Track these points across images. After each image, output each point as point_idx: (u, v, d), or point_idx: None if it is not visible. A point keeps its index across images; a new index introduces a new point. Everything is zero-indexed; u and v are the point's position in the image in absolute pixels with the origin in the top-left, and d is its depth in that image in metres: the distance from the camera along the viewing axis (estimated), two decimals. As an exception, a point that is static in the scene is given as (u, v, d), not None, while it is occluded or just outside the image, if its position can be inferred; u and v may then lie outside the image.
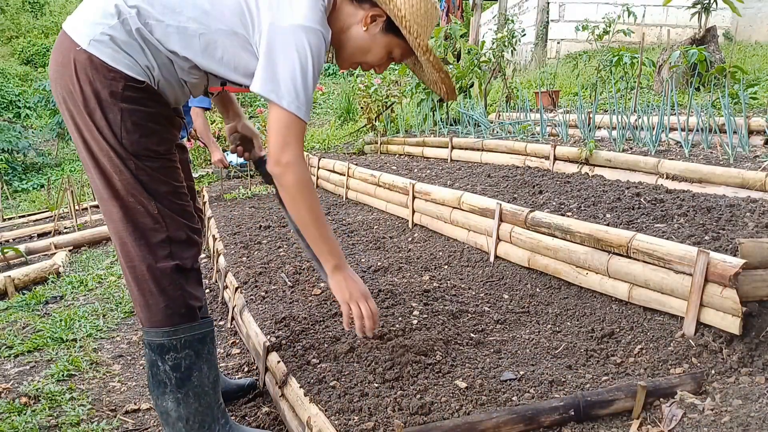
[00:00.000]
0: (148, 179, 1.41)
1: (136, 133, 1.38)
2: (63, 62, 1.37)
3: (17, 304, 3.13)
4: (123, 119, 1.36)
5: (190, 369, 1.49)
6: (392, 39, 1.51)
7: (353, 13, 1.49)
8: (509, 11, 11.45)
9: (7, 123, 11.45)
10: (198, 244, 1.54)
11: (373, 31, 1.49)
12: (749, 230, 2.02)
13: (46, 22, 18.25)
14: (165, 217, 1.44)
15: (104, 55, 1.33)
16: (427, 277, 2.65)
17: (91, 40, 1.33)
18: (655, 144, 3.21)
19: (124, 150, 1.38)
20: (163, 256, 1.44)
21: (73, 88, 1.35)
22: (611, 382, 1.65)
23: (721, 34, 8.57)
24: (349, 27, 1.50)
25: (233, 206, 4.71)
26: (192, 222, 1.52)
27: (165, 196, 1.44)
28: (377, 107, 6.21)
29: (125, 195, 1.41)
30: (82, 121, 1.38)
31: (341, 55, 1.56)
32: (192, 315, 1.50)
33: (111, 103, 1.35)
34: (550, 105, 5.50)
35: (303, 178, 1.45)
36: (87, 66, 1.33)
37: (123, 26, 1.34)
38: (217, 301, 2.95)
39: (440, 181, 3.79)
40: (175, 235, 1.46)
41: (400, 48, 1.54)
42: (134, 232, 1.42)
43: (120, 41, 1.34)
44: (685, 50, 4.69)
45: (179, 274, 1.46)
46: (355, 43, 1.52)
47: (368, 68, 1.60)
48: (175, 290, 1.46)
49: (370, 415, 1.50)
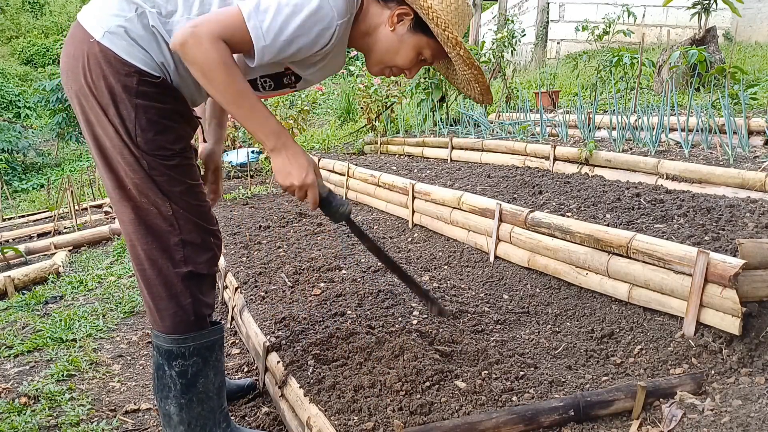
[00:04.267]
0: (163, 179, 1.35)
1: (150, 130, 1.32)
2: (75, 54, 1.31)
3: (17, 304, 3.13)
4: (137, 115, 1.30)
5: (197, 376, 1.47)
6: (421, 38, 1.41)
7: (379, 13, 1.40)
8: (509, 11, 11.45)
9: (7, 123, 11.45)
10: (214, 247, 1.47)
11: (401, 31, 1.40)
12: (749, 230, 2.02)
13: (46, 22, 18.26)
14: (179, 218, 1.38)
15: (118, 48, 1.28)
16: (426, 277, 2.65)
17: (105, 32, 1.28)
18: (654, 144, 3.21)
19: (137, 148, 1.32)
20: (176, 261, 1.39)
21: (86, 81, 1.30)
22: (611, 382, 1.65)
23: (721, 34, 8.57)
24: (375, 28, 1.41)
25: (233, 206, 4.71)
26: (209, 223, 1.46)
27: (180, 197, 1.38)
28: (377, 107, 6.21)
29: (137, 195, 1.35)
30: (95, 117, 1.32)
31: (370, 59, 1.47)
32: (202, 322, 1.46)
33: (125, 99, 1.29)
34: (550, 105, 5.50)
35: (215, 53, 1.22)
36: (100, 59, 1.28)
37: (140, 20, 1.29)
38: (217, 302, 2.95)
39: (440, 181, 3.79)
40: (189, 237, 1.40)
41: (431, 48, 1.43)
42: (146, 234, 1.37)
43: (135, 35, 1.29)
44: (685, 51, 4.69)
45: (192, 281, 1.41)
46: (382, 45, 1.42)
47: (399, 72, 1.49)
48: (186, 297, 1.41)
49: (370, 415, 1.50)
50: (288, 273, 2.77)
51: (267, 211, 4.33)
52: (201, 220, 1.43)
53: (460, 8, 1.40)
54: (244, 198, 5.01)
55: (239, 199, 4.98)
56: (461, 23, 1.42)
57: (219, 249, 1.51)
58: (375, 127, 6.15)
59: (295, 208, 4.23)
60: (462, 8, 1.41)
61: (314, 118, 10.61)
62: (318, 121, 10.63)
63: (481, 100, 1.55)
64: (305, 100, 6.53)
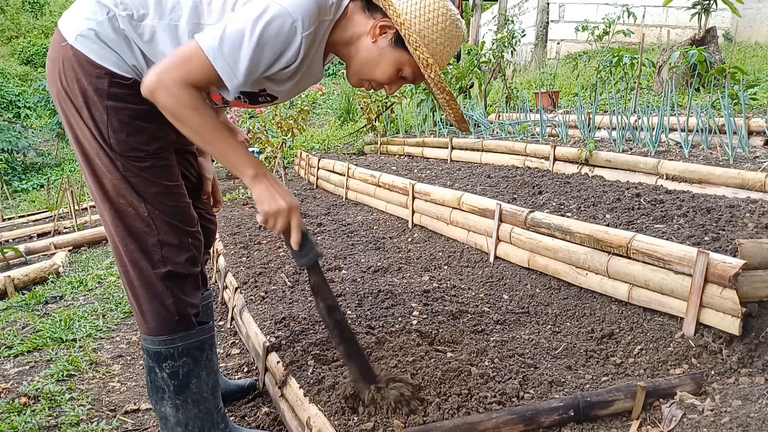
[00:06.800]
0: (137, 180, 1.35)
1: (122, 131, 1.32)
2: (54, 58, 1.33)
3: (17, 304, 3.13)
4: (109, 117, 1.31)
5: (188, 376, 1.47)
6: (402, 54, 1.35)
7: (364, 22, 1.35)
8: (509, 12, 11.45)
9: (7, 123, 11.44)
10: (192, 248, 1.45)
11: (382, 44, 1.34)
12: (749, 231, 2.02)
13: (46, 22, 18.25)
14: (155, 219, 1.38)
15: (89, 51, 1.29)
16: (426, 277, 2.65)
17: (77, 35, 1.29)
18: (654, 144, 3.21)
19: (111, 149, 1.33)
20: (154, 262, 1.39)
21: (62, 84, 1.32)
22: (611, 382, 1.65)
23: (720, 34, 8.57)
24: (358, 38, 1.36)
25: (233, 206, 4.71)
26: (187, 224, 1.45)
27: (155, 198, 1.38)
28: (377, 108, 6.21)
29: (115, 196, 1.36)
30: (73, 119, 1.34)
31: (349, 69, 1.42)
32: (187, 322, 1.45)
33: (96, 101, 1.30)
34: (549, 105, 5.50)
35: (182, 97, 1.22)
36: (74, 62, 1.30)
37: (110, 23, 1.29)
38: (217, 302, 2.95)
39: (440, 181, 3.79)
40: (166, 238, 1.39)
41: (411, 66, 1.37)
42: (126, 236, 1.38)
43: (106, 37, 1.29)
44: (685, 51, 4.69)
45: (172, 281, 1.41)
46: (362, 56, 1.36)
47: (378, 87, 1.43)
48: (168, 297, 1.41)
49: (370, 415, 1.50)
50: (288, 273, 2.77)
51: (267, 211, 4.32)
52: (178, 222, 1.42)
53: (447, 29, 1.35)
54: (244, 198, 5.01)
55: (239, 199, 4.98)
56: (445, 44, 1.35)
57: (198, 249, 1.49)
58: (375, 127, 6.15)
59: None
60: (451, 30, 1.35)
61: (314, 118, 10.61)
62: (318, 121, 10.63)
63: (457, 126, 1.48)
64: (305, 100, 6.52)
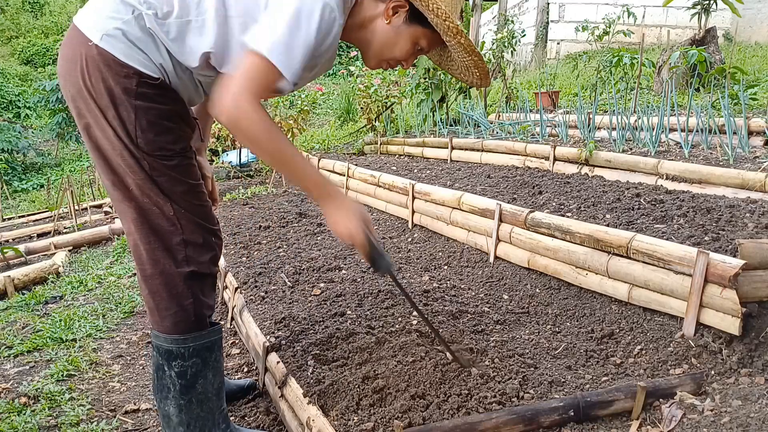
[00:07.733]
0: (164, 179, 1.36)
1: (150, 131, 1.33)
2: (72, 58, 1.32)
3: (17, 304, 3.13)
4: (137, 117, 1.31)
5: (196, 377, 1.47)
6: (417, 29, 1.41)
7: (373, 6, 1.40)
8: (509, 12, 11.45)
9: (7, 123, 11.44)
10: (215, 247, 1.48)
11: (397, 23, 1.39)
12: (749, 231, 2.02)
13: (46, 22, 18.24)
14: (181, 218, 1.39)
15: (117, 50, 1.28)
16: (426, 277, 2.65)
17: (103, 35, 1.28)
18: (654, 145, 3.21)
19: (138, 149, 1.33)
20: (178, 261, 1.39)
21: (84, 84, 1.30)
22: (611, 382, 1.65)
23: (720, 34, 8.56)
24: (371, 22, 1.41)
25: (233, 206, 4.71)
26: (210, 223, 1.47)
27: (182, 197, 1.39)
28: (377, 107, 6.21)
29: (139, 195, 1.36)
30: (93, 119, 1.33)
31: (367, 54, 1.47)
32: (202, 323, 1.46)
33: (124, 101, 1.30)
34: (549, 105, 5.50)
35: (261, 123, 1.27)
36: (99, 62, 1.28)
37: (137, 22, 1.29)
38: (217, 302, 2.95)
39: (440, 181, 3.79)
40: (191, 237, 1.40)
41: (427, 38, 1.43)
42: (149, 234, 1.38)
43: (133, 37, 1.29)
44: (685, 51, 4.69)
45: (194, 281, 1.42)
46: (379, 38, 1.42)
47: (396, 64, 1.49)
48: (188, 298, 1.42)
49: (370, 415, 1.50)
50: (288, 273, 2.77)
51: (267, 211, 4.33)
52: (203, 220, 1.44)
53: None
54: (244, 198, 5.01)
55: (239, 199, 4.98)
56: (455, 11, 1.41)
57: (220, 249, 1.52)
58: (375, 127, 6.15)
59: (294, 208, 4.23)
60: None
61: (314, 118, 10.60)
62: (318, 121, 10.62)
63: (479, 84, 1.56)
64: (305, 100, 6.53)
